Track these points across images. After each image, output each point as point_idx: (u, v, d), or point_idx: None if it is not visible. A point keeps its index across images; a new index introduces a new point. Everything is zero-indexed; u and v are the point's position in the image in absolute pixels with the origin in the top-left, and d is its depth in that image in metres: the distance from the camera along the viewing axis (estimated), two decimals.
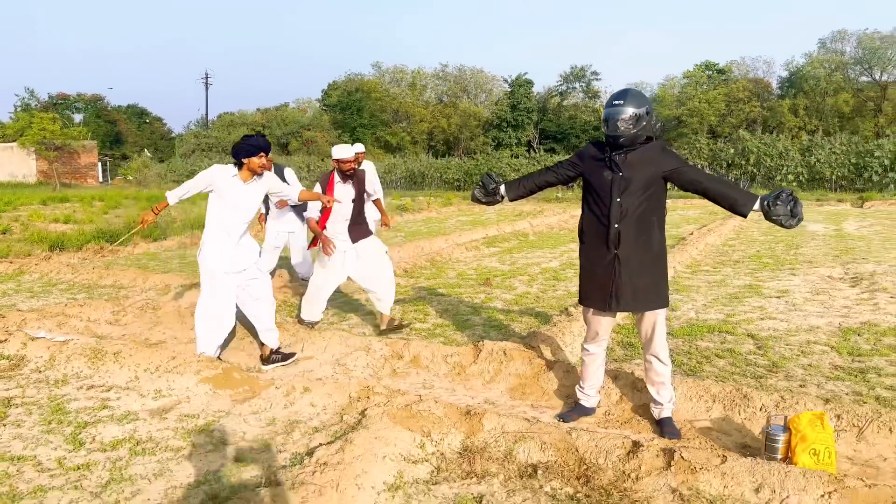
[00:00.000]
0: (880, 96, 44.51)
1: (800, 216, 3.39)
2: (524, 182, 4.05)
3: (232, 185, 4.81)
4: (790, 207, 3.35)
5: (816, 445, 3.22)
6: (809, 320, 6.07)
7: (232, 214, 4.84)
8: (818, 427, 3.25)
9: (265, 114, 65.33)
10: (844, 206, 21.11)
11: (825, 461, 3.20)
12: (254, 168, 4.80)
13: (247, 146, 4.75)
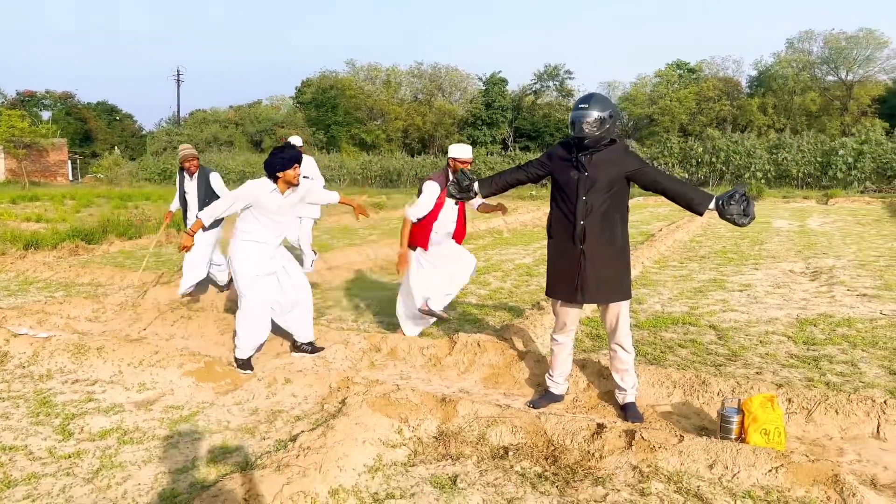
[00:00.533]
0: (846, 95, 45.55)
1: (752, 215, 3.58)
2: (496, 180, 4.23)
3: (272, 199, 4.81)
4: (743, 207, 3.55)
5: (767, 426, 3.46)
6: (769, 312, 6.37)
7: (272, 227, 4.86)
8: (769, 409, 3.50)
9: (238, 111, 64.86)
10: (810, 203, 21.68)
11: (775, 440, 3.45)
12: (290, 180, 4.80)
13: (282, 160, 4.75)
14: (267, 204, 4.80)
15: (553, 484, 3.07)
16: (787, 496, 2.93)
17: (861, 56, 45.82)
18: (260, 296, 4.87)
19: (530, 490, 3.03)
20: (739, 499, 2.92)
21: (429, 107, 53.22)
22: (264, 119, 59.02)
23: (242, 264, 4.84)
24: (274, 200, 4.82)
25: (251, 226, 4.86)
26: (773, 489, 2.98)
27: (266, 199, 4.80)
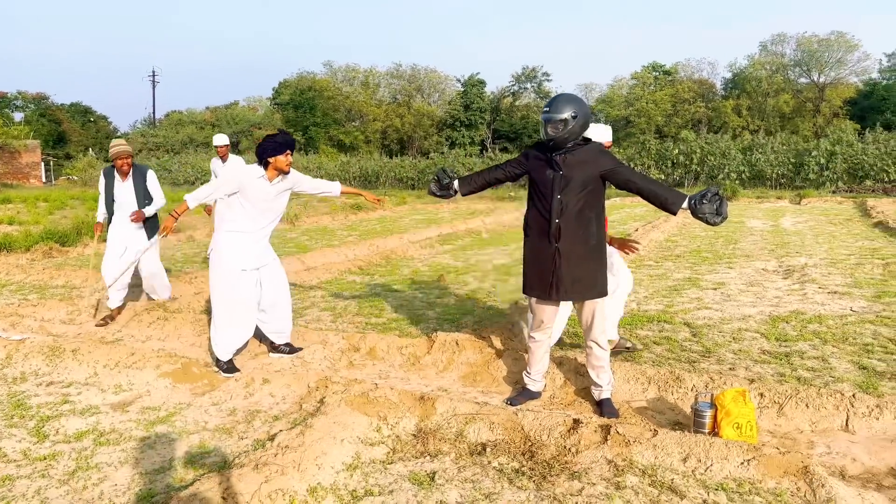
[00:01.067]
0: (818, 97, 46.32)
1: (724, 214, 3.59)
2: (475, 178, 4.30)
3: (259, 186, 4.68)
4: (716, 206, 3.57)
5: (739, 419, 3.53)
6: (742, 310, 6.47)
7: (259, 216, 4.74)
8: (741, 403, 3.57)
9: (214, 112, 64.39)
10: (783, 203, 22.00)
11: (747, 433, 3.52)
12: (280, 167, 4.66)
13: (273, 143, 4.61)
14: (253, 191, 4.66)
15: (530, 479, 3.11)
16: (758, 488, 3.00)
17: (832, 59, 46.66)
18: (243, 290, 4.75)
19: (507, 485, 3.06)
20: (712, 491, 2.98)
21: (407, 108, 53.22)
22: (241, 120, 58.65)
23: (227, 257, 4.71)
24: (261, 187, 4.68)
25: (237, 214, 4.72)
26: (745, 481, 3.04)
27: (253, 185, 4.66)
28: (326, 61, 60.83)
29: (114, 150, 6.27)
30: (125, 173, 6.30)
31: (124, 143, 6.36)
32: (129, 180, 6.32)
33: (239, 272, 4.71)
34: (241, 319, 4.81)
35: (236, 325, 4.79)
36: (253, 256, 4.77)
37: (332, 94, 53.17)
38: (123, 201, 6.33)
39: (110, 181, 6.38)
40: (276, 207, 4.87)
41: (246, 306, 4.80)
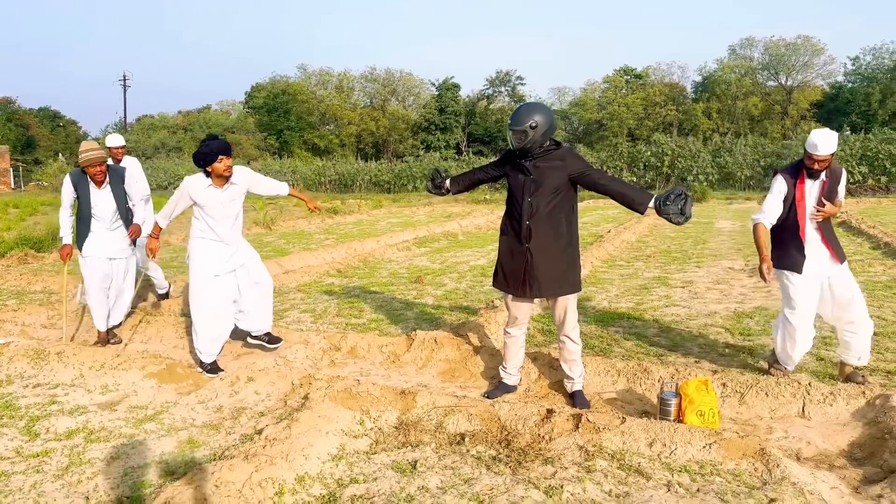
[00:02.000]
0: (786, 100, 47.31)
1: (688, 214, 3.78)
2: (463, 178, 4.61)
3: (209, 194, 4.72)
4: (680, 206, 3.76)
5: (702, 407, 3.75)
6: (709, 307, 6.73)
7: (217, 224, 4.79)
8: (703, 391, 3.79)
9: (187, 116, 63.91)
10: (752, 204, 22.50)
11: (710, 420, 3.74)
12: (220, 173, 4.67)
13: (203, 154, 4.61)
14: (203, 200, 4.72)
15: (506, 465, 3.29)
16: (719, 469, 3.21)
17: (799, 62, 47.72)
18: (218, 294, 4.85)
19: (485, 471, 3.24)
20: (676, 472, 3.19)
21: (382, 112, 53.32)
22: (214, 124, 58.28)
23: (198, 263, 4.83)
24: (211, 195, 4.72)
25: (201, 223, 4.82)
26: (707, 463, 3.25)
27: (201, 194, 4.70)
28: (300, 65, 60.76)
29: (85, 156, 5.40)
30: (100, 182, 5.50)
31: (96, 148, 5.46)
32: (105, 188, 5.53)
33: (211, 277, 4.82)
34: (216, 323, 4.90)
35: (213, 328, 4.89)
36: (222, 261, 4.85)
37: (307, 97, 53.12)
38: (102, 212, 5.55)
39: (84, 190, 5.49)
40: (231, 213, 4.87)
41: (219, 311, 4.89)
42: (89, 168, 5.40)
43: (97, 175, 5.44)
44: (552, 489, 3.02)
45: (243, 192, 4.93)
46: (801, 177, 4.34)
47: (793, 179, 4.37)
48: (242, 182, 4.88)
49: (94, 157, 5.38)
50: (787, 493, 2.96)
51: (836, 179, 4.35)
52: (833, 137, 4.19)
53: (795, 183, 4.35)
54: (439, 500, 2.94)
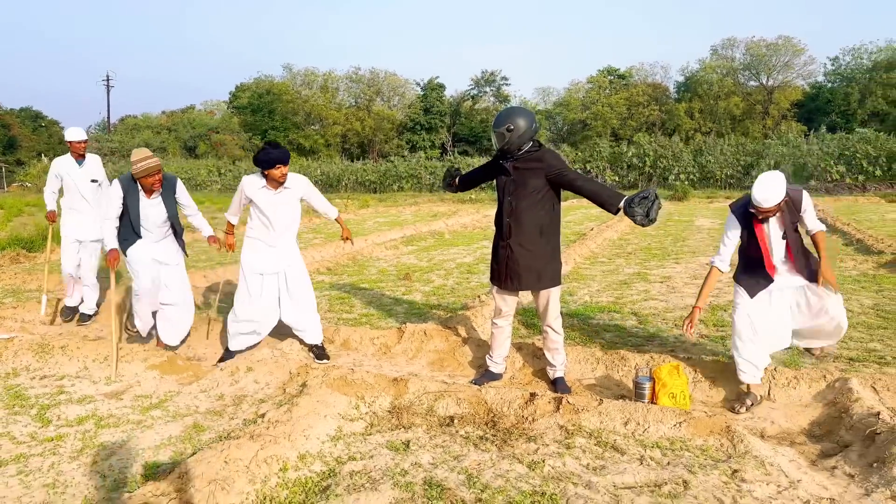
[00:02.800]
0: (767, 100, 47.98)
1: (653, 217, 3.92)
2: (466, 176, 4.91)
3: (262, 195, 4.95)
4: (646, 209, 3.90)
5: (674, 389, 4.04)
6: (685, 300, 7.04)
7: (269, 224, 5.00)
8: (675, 375, 4.08)
9: (171, 116, 63.76)
10: None
11: (681, 401, 4.03)
12: (275, 178, 4.87)
13: (262, 160, 4.81)
14: (257, 199, 4.97)
15: (493, 443, 3.56)
16: (688, 445, 3.49)
17: (780, 62, 48.41)
18: (257, 290, 5.09)
19: (473, 449, 3.50)
20: (649, 448, 3.46)
21: (367, 112, 53.45)
22: (199, 124, 58.19)
23: (245, 259, 5.14)
24: (264, 196, 4.97)
25: (255, 222, 5.10)
26: (677, 440, 3.54)
27: (255, 194, 4.96)
28: (286, 64, 60.75)
29: (143, 165, 5.01)
30: (155, 192, 5.21)
31: (151, 155, 5.12)
32: (157, 197, 5.23)
33: (255, 274, 5.08)
34: (251, 316, 5.13)
35: (246, 322, 5.16)
36: (268, 261, 5.07)
37: (291, 97, 53.13)
38: (151, 223, 5.26)
39: (133, 198, 5.16)
40: (282, 214, 5.02)
41: (256, 306, 5.11)
42: (147, 178, 5.07)
43: (154, 185, 5.12)
44: (535, 463, 3.29)
45: (296, 198, 5.09)
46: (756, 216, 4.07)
47: (744, 219, 4.14)
48: (296, 189, 5.05)
49: (152, 165, 5.04)
50: (750, 465, 3.24)
51: (795, 208, 4.05)
52: (778, 188, 3.88)
53: (749, 220, 4.12)
54: (431, 474, 3.19)
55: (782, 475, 3.16)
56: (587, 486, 3.05)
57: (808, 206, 4.11)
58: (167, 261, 5.35)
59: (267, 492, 3.04)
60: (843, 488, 3.09)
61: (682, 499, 2.93)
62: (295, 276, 5.12)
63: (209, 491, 2.86)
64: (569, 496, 2.95)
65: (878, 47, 45.94)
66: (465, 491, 3.01)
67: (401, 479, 3.15)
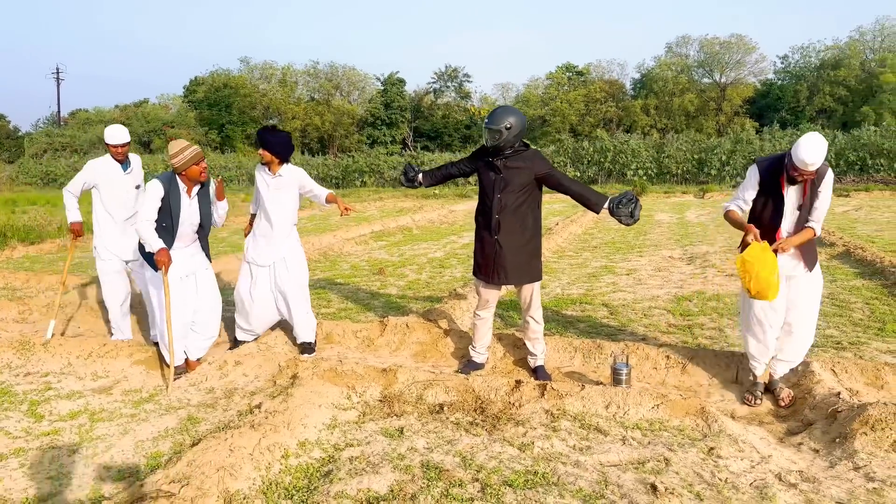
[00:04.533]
0: (720, 96, 49.13)
1: (636, 218, 4.32)
2: (436, 172, 4.92)
3: (261, 176, 5.13)
4: (630, 210, 4.30)
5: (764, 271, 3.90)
6: (652, 291, 7.32)
7: (263, 211, 5.14)
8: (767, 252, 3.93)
9: (124, 110, 62.29)
10: (688, 198, 23.57)
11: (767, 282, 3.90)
12: (266, 161, 5.06)
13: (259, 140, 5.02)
14: (260, 181, 5.15)
15: (483, 428, 3.73)
16: (666, 425, 3.72)
17: (733, 60, 49.56)
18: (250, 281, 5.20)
19: (464, 433, 3.67)
20: (630, 429, 3.68)
21: (327, 106, 53.06)
22: (153, 119, 57.03)
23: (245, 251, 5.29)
24: (263, 178, 5.14)
25: (258, 210, 5.27)
26: (655, 421, 3.76)
27: (259, 175, 5.16)
28: (243, 57, 59.51)
29: (187, 154, 4.56)
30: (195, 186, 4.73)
31: (189, 143, 4.65)
32: (195, 195, 4.76)
33: (250, 265, 5.18)
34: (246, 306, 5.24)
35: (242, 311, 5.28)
36: (262, 253, 5.15)
37: (249, 91, 52.42)
38: (191, 226, 4.79)
39: (175, 198, 4.63)
40: (279, 202, 5.09)
41: (251, 297, 5.19)
42: (194, 167, 4.59)
43: (203, 174, 4.65)
44: (524, 445, 3.47)
45: (292, 187, 5.13)
46: (783, 177, 4.01)
47: (769, 175, 4.07)
48: (291, 178, 5.12)
49: (197, 152, 4.60)
50: (724, 442, 3.48)
51: (815, 182, 3.99)
52: (822, 150, 3.78)
53: (773, 179, 4.06)
54: (427, 458, 3.35)
55: (754, 451, 3.40)
56: (576, 465, 3.25)
57: (828, 188, 4.01)
58: (197, 267, 4.85)
59: (272, 477, 3.16)
60: (810, 462, 3.35)
61: (664, 474, 3.15)
62: (287, 269, 5.16)
63: (219, 477, 2.97)
64: (559, 474, 3.14)
65: (825, 46, 47.46)
66: (462, 472, 3.18)
67: (399, 462, 3.31)
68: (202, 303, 4.90)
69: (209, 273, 4.98)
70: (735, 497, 2.95)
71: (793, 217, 4.06)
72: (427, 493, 2.98)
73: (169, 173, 4.68)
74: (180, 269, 4.71)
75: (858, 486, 3.04)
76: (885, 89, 40.57)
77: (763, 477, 3.13)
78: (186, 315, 4.78)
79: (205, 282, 4.92)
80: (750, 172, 4.17)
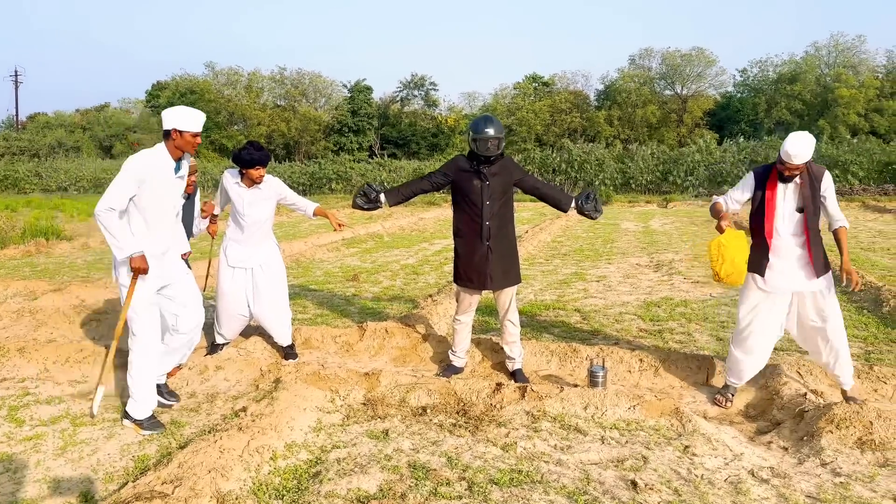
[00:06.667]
0: (681, 108, 50.17)
1: (601, 210, 4.70)
2: (402, 190, 4.83)
3: (235, 190, 5.00)
4: (594, 204, 4.65)
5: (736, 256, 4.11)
6: (622, 297, 7.51)
7: (240, 220, 5.04)
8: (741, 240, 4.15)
9: (85, 115, 61.16)
10: (652, 207, 24.06)
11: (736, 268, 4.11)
12: (252, 178, 4.90)
13: (244, 160, 4.81)
14: (233, 194, 5.04)
15: (466, 429, 3.83)
16: (642, 425, 3.86)
17: (694, 72, 50.67)
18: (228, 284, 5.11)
19: (448, 435, 3.76)
20: (608, 429, 3.81)
21: (293, 112, 52.77)
22: (115, 123, 56.11)
23: (221, 253, 5.18)
24: (238, 192, 5.01)
25: (232, 217, 5.13)
26: (632, 421, 3.90)
27: (232, 189, 5.02)
28: (208, 62, 58.93)
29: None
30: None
31: None
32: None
33: (226, 267, 5.11)
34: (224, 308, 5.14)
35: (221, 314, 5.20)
36: (240, 257, 5.10)
37: (214, 97, 51.91)
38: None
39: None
40: (257, 214, 5.02)
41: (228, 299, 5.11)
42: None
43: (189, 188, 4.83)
44: (508, 445, 3.57)
45: (269, 198, 5.07)
46: (773, 177, 4.15)
47: (762, 179, 4.21)
48: (268, 189, 5.05)
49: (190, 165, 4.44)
50: (699, 441, 3.63)
51: (815, 183, 4.09)
52: (808, 145, 3.96)
53: (765, 182, 4.18)
54: (414, 458, 3.43)
55: (727, 449, 3.56)
56: (558, 464, 3.36)
57: (830, 189, 4.12)
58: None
59: (262, 478, 3.21)
60: (780, 459, 3.51)
61: (643, 471, 3.28)
62: (266, 275, 5.12)
63: (210, 478, 3.01)
64: (543, 472, 3.25)
65: (782, 60, 48.81)
66: (449, 471, 3.26)
67: (386, 463, 3.38)
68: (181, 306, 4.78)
69: (189, 277, 4.92)
70: (711, 492, 3.09)
71: (792, 219, 4.12)
72: (416, 491, 3.06)
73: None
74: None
75: (826, 480, 3.21)
76: (840, 103, 41.88)
77: (736, 473, 3.28)
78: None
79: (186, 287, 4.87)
80: (746, 176, 4.33)
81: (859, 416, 3.63)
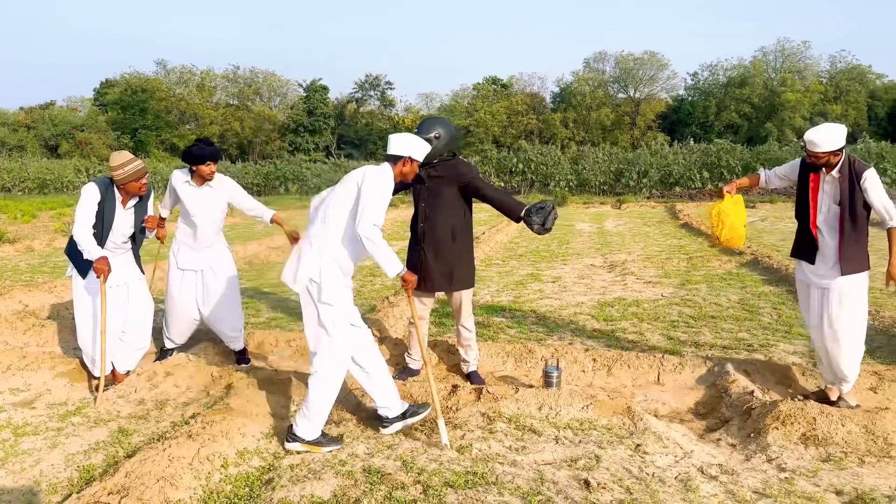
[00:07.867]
0: (634, 111, 51.10)
1: (549, 227, 4.38)
2: None
3: (184, 189, 4.93)
4: (542, 219, 4.36)
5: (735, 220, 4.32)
6: (576, 298, 7.59)
7: (190, 221, 4.98)
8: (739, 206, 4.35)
9: (30, 113, 59.27)
10: (606, 208, 24.37)
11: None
12: (203, 175, 4.87)
13: (194, 155, 4.79)
14: (183, 194, 4.98)
15: (422, 432, 3.82)
16: (595, 424, 3.90)
17: (646, 76, 51.72)
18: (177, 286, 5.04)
19: (404, 438, 3.75)
20: (562, 429, 3.84)
21: (247, 112, 52.05)
22: (61, 122, 54.53)
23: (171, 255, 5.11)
24: (187, 191, 4.96)
25: (182, 218, 5.07)
26: (585, 420, 3.94)
27: (181, 188, 4.97)
28: (160, 60, 57.50)
29: (130, 168, 4.47)
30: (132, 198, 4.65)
31: (134, 157, 4.58)
32: (131, 206, 4.68)
33: (175, 269, 5.03)
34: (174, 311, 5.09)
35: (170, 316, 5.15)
36: (187, 260, 5.03)
37: (165, 95, 50.86)
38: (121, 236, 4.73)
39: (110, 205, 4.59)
40: (204, 212, 4.97)
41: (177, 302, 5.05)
42: (133, 182, 4.52)
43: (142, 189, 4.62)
44: (463, 447, 3.58)
45: (220, 198, 5.02)
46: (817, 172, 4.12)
47: (807, 167, 4.19)
48: (220, 188, 5.00)
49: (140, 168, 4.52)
50: (650, 439, 3.69)
51: (853, 181, 3.99)
52: (830, 136, 3.91)
53: (808, 171, 4.17)
54: (369, 463, 3.41)
55: (677, 447, 3.63)
56: (512, 465, 3.38)
57: (871, 185, 3.95)
58: (129, 277, 4.76)
59: (212, 486, 3.15)
60: (728, 455, 3.60)
61: (596, 471, 3.32)
62: (217, 277, 5.04)
63: (159, 487, 2.94)
64: (497, 474, 3.26)
65: (732, 64, 50.10)
66: (404, 475, 3.25)
67: (341, 468, 3.35)
68: (133, 313, 4.76)
69: (141, 283, 4.87)
70: (662, 490, 3.15)
71: (828, 211, 4.08)
72: (370, 496, 3.04)
73: (107, 179, 4.55)
74: (111, 278, 4.53)
75: (772, 476, 3.30)
76: (787, 107, 43.17)
77: (686, 471, 3.35)
78: (117, 326, 4.67)
79: (136, 292, 4.79)
80: (795, 160, 4.34)
81: (803, 412, 3.74)
